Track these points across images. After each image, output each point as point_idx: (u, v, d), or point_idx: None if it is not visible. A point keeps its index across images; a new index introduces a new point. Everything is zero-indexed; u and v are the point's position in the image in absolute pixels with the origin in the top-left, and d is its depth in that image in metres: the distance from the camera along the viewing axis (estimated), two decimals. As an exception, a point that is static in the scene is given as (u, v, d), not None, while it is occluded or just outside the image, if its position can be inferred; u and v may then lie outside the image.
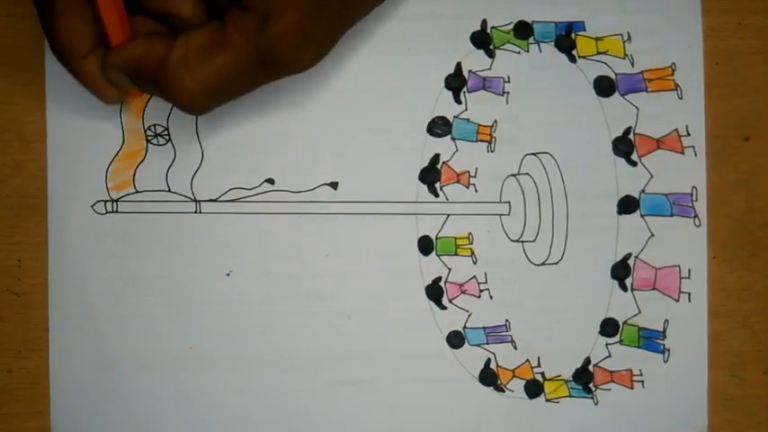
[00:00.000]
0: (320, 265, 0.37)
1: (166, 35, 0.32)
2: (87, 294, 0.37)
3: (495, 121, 0.38)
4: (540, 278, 0.38)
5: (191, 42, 0.31)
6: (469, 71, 0.38)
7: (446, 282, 0.38)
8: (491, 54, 0.38)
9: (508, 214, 0.38)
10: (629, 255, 0.38)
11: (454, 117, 0.38)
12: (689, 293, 0.38)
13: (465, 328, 0.38)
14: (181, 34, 0.32)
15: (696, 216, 0.38)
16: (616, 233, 0.38)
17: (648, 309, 0.38)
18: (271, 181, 0.37)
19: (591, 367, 0.38)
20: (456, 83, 0.38)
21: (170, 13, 0.33)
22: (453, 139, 0.38)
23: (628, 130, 0.38)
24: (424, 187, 0.38)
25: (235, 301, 0.37)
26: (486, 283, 0.38)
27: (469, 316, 0.38)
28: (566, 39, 0.38)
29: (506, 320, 0.38)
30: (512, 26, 0.38)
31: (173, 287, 0.37)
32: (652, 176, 0.38)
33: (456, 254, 0.38)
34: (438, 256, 0.38)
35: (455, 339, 0.38)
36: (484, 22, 0.38)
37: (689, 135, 0.38)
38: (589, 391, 0.38)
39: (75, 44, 0.32)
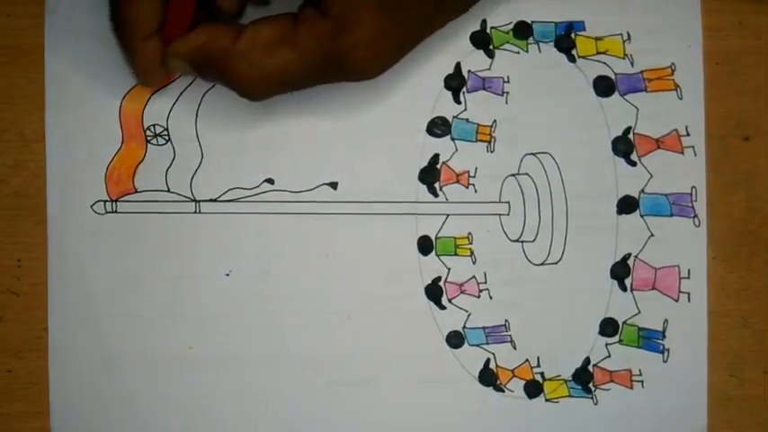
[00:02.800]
0: (320, 265, 0.37)
1: (228, 25, 0.33)
2: (87, 294, 0.37)
3: (495, 121, 0.38)
4: (540, 278, 0.38)
5: (258, 35, 0.32)
6: (469, 71, 0.38)
7: (446, 282, 0.38)
8: (491, 54, 0.38)
9: (508, 214, 0.38)
10: (629, 255, 0.38)
11: (454, 117, 0.38)
12: (689, 293, 0.38)
13: (464, 328, 0.38)
14: (249, 25, 0.32)
15: (696, 216, 0.38)
16: (616, 233, 0.38)
17: (648, 309, 0.38)
18: (271, 181, 0.37)
19: (590, 367, 0.38)
20: (456, 83, 0.38)
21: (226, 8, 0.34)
22: (453, 139, 0.38)
23: (627, 130, 0.38)
24: (424, 187, 0.38)
25: (235, 301, 0.37)
26: (485, 282, 0.38)
27: (469, 316, 0.38)
28: (565, 39, 0.38)
29: (506, 320, 0.38)
30: (511, 26, 0.38)
31: (173, 287, 0.37)
32: (652, 176, 0.38)
33: (455, 254, 0.38)
34: (437, 255, 0.38)
35: (455, 339, 0.38)
36: (483, 22, 0.38)
37: (688, 135, 0.38)
38: (589, 391, 0.38)
39: (140, 25, 0.32)
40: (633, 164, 0.38)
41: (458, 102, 0.38)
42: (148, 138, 0.37)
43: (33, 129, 0.37)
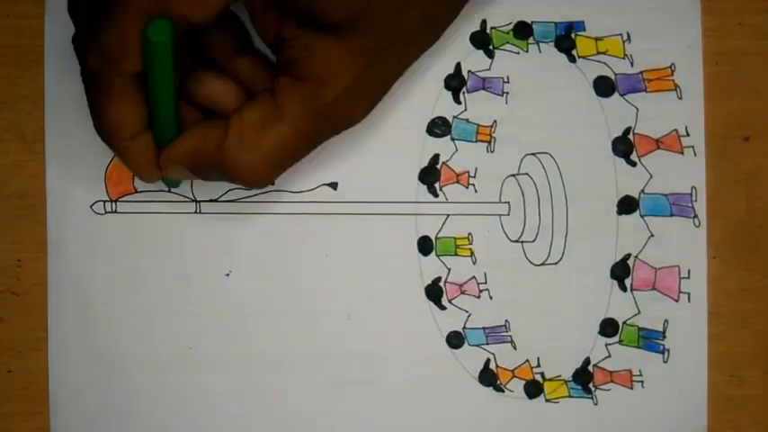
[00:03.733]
0: (320, 265, 0.37)
1: (216, 120, 0.33)
2: (87, 294, 0.37)
3: (495, 121, 0.38)
4: (540, 278, 0.38)
5: (245, 121, 0.32)
6: (469, 71, 0.38)
7: (446, 282, 0.38)
8: (491, 54, 0.38)
9: (508, 214, 0.38)
10: (629, 255, 0.38)
11: (454, 117, 0.38)
12: (689, 293, 0.38)
13: (465, 328, 0.38)
14: (232, 115, 0.32)
15: (696, 216, 0.38)
16: (616, 233, 0.38)
17: (648, 309, 0.38)
18: (270, 181, 0.37)
19: (590, 367, 0.38)
20: (456, 83, 0.38)
21: (214, 104, 0.33)
22: (453, 139, 0.38)
23: (627, 131, 0.38)
24: (424, 187, 0.38)
25: (235, 301, 0.37)
26: (485, 283, 0.38)
27: (469, 316, 0.38)
28: (565, 39, 0.38)
29: (506, 321, 0.38)
30: (511, 26, 0.38)
31: (173, 287, 0.37)
32: (652, 176, 0.38)
33: (456, 254, 0.38)
34: (438, 256, 0.38)
35: (455, 339, 0.38)
36: (483, 23, 0.38)
37: (688, 135, 0.38)
38: (589, 391, 0.38)
39: (123, 126, 0.32)
40: (633, 164, 0.38)
41: (458, 102, 0.38)
42: (148, 138, 0.37)
43: (33, 129, 0.37)
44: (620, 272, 0.38)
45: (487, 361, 0.38)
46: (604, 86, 0.38)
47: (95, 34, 0.30)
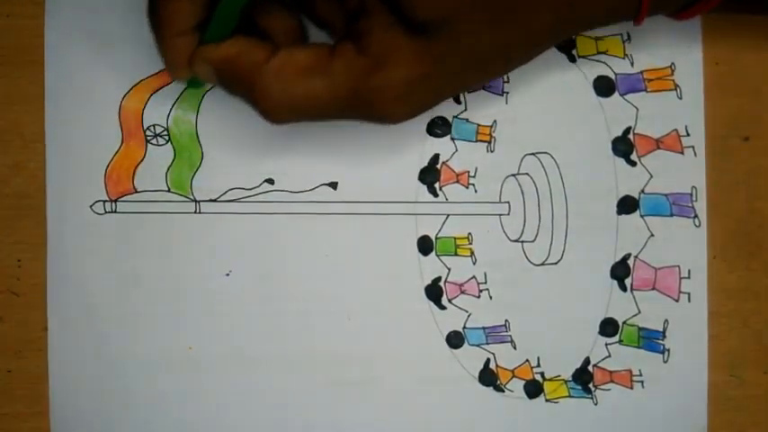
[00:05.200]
0: (320, 265, 0.37)
1: (265, 43, 0.32)
2: (87, 294, 0.37)
3: (495, 121, 0.38)
4: (540, 278, 0.38)
5: (292, 58, 0.31)
6: (469, 71, 0.38)
7: (446, 282, 0.38)
8: (491, 54, 0.38)
9: (508, 214, 0.38)
10: (629, 255, 0.38)
11: (454, 117, 0.38)
12: (689, 293, 0.38)
13: (464, 328, 0.38)
14: (285, 47, 0.32)
15: (696, 216, 0.38)
16: (616, 233, 0.38)
17: (648, 309, 0.38)
18: (270, 181, 0.37)
19: (590, 367, 0.38)
20: (456, 83, 0.38)
21: (272, 35, 0.33)
22: (453, 139, 0.38)
23: (627, 130, 0.38)
24: (424, 187, 0.38)
25: (235, 301, 0.37)
26: (485, 283, 0.38)
27: (469, 316, 0.38)
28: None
29: (506, 320, 0.38)
30: (511, 26, 0.38)
31: (173, 287, 0.37)
32: (652, 176, 0.38)
33: (456, 254, 0.38)
34: (438, 256, 0.38)
35: (455, 339, 0.38)
36: (483, 22, 0.38)
37: (688, 135, 0.38)
38: (589, 391, 0.38)
39: (176, 20, 0.32)
40: (633, 164, 0.38)
41: (458, 102, 0.38)
42: (148, 138, 0.37)
43: (33, 129, 0.37)
44: (621, 272, 0.38)
45: (487, 361, 0.38)
46: (604, 86, 0.38)
47: None
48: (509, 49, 0.32)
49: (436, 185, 0.38)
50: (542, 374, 0.38)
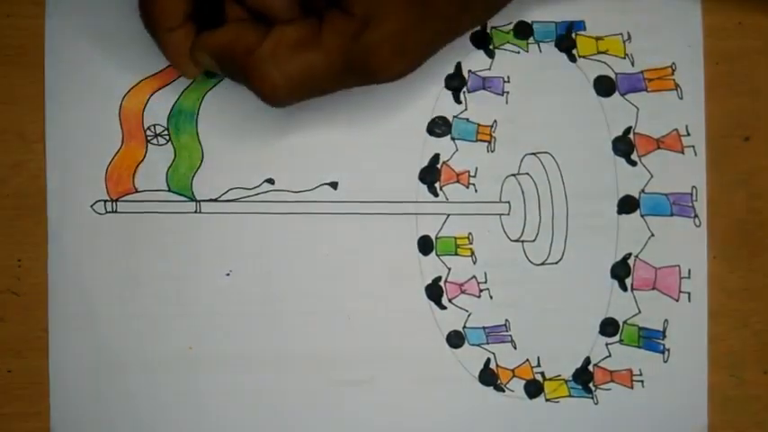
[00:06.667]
0: (320, 265, 0.37)
1: (258, 25, 0.32)
2: (87, 294, 0.37)
3: (495, 120, 0.38)
4: (540, 278, 0.38)
5: (284, 36, 0.31)
6: (469, 71, 0.38)
7: (446, 281, 0.38)
8: (491, 54, 0.38)
9: (508, 214, 0.38)
10: (629, 254, 0.38)
11: (454, 117, 0.38)
12: (689, 293, 0.38)
13: (465, 327, 0.38)
14: (275, 26, 0.32)
15: (696, 216, 0.38)
16: (616, 233, 0.38)
17: (648, 309, 0.38)
18: (271, 181, 0.37)
19: (591, 367, 0.38)
20: (456, 83, 0.38)
21: (264, 6, 0.32)
22: (453, 138, 0.38)
23: (628, 130, 0.38)
24: (424, 187, 0.38)
25: (235, 301, 0.37)
26: (485, 282, 0.38)
27: (469, 316, 0.38)
28: (566, 38, 0.38)
29: (506, 320, 0.38)
30: (512, 26, 0.38)
31: (173, 287, 0.37)
32: (652, 176, 0.38)
33: (456, 254, 0.38)
34: (438, 255, 0.38)
35: (455, 339, 0.38)
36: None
37: (689, 135, 0.38)
38: (589, 390, 0.38)
39: (166, 16, 0.32)
40: (633, 164, 0.38)
41: (458, 101, 0.38)
42: (148, 138, 0.37)
43: (33, 129, 0.37)
44: (621, 271, 0.38)
45: (488, 360, 0.38)
46: (605, 86, 0.38)
47: None
48: None
49: (436, 185, 0.38)
50: (543, 374, 0.38)
